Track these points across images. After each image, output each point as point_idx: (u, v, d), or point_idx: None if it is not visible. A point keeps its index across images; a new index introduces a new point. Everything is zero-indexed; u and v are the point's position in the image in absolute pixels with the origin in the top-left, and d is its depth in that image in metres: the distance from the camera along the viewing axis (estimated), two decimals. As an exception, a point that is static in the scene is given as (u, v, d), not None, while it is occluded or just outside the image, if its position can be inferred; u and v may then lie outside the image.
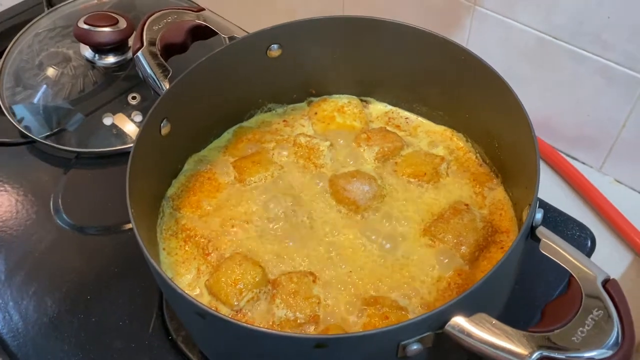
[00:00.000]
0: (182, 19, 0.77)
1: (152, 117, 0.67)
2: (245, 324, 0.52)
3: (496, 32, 0.93)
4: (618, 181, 0.95)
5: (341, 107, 0.84)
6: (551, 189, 0.93)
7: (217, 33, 0.78)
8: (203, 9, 0.78)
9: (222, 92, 0.77)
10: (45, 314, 0.78)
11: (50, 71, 1.02)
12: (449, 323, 0.51)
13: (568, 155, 0.98)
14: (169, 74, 0.72)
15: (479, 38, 0.94)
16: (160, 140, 0.70)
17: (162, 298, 0.78)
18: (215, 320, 0.53)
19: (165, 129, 0.70)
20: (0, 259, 0.84)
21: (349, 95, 0.86)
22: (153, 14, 0.76)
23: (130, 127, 0.97)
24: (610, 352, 0.48)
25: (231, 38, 0.76)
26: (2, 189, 0.93)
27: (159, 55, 0.73)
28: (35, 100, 1.00)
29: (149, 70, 0.72)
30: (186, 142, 0.78)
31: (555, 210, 0.84)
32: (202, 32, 0.78)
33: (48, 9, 1.12)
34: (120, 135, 0.96)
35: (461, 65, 0.71)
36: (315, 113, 0.84)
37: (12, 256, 0.84)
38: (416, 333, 0.51)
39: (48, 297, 0.80)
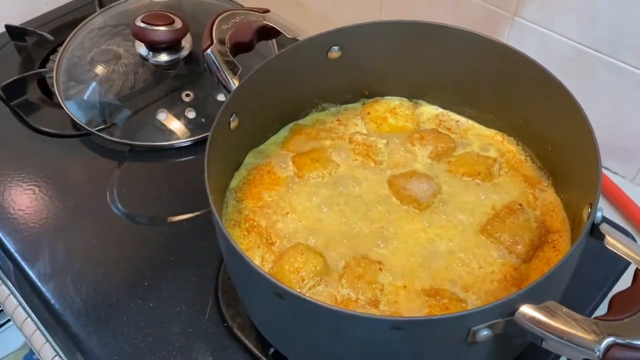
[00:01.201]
0: (249, 19, 0.80)
1: (225, 111, 0.70)
2: (326, 304, 0.54)
3: (534, 42, 0.95)
4: (651, 192, 0.98)
5: (393, 109, 0.86)
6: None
7: (280, 33, 0.81)
8: (268, 11, 0.82)
9: (283, 90, 0.80)
10: (104, 298, 0.81)
11: (101, 68, 1.05)
12: (518, 311, 0.54)
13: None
14: (238, 70, 0.75)
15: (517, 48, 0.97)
16: (228, 134, 0.73)
17: (218, 286, 0.81)
18: (294, 300, 0.55)
19: (233, 123, 0.73)
20: (60, 246, 0.87)
21: (401, 98, 0.88)
22: (221, 13, 0.79)
23: (182, 123, 1.00)
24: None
25: (294, 39, 0.80)
26: (59, 178, 0.95)
27: (229, 53, 0.76)
28: (88, 96, 1.03)
29: (219, 67, 0.75)
30: (247, 137, 0.80)
31: (598, 215, 0.87)
32: (267, 33, 0.81)
33: (99, 8, 1.15)
34: (173, 130, 0.99)
35: (520, 71, 0.74)
36: (368, 113, 0.86)
37: (71, 243, 0.87)
38: (487, 319, 0.54)
39: (106, 282, 0.82)
